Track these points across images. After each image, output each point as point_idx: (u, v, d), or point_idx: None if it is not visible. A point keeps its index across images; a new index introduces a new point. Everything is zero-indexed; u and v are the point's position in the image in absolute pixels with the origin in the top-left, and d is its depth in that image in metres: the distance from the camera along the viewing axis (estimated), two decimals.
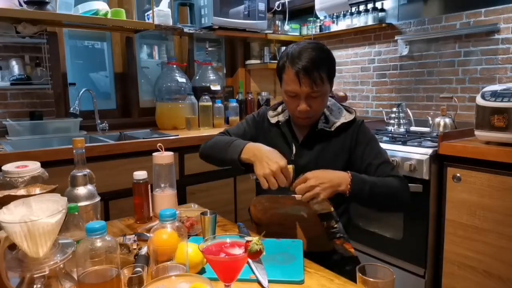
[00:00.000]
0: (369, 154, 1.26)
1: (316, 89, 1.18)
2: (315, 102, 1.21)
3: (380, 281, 0.71)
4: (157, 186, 1.33)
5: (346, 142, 1.28)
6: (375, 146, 1.28)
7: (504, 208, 1.67)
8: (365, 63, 2.95)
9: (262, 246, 0.76)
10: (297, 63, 1.16)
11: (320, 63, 1.17)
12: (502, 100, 1.69)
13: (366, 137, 1.29)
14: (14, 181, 1.00)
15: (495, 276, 1.72)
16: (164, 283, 0.68)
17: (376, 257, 2.16)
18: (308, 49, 1.18)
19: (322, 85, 1.19)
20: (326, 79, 1.20)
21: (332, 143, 1.28)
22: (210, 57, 2.98)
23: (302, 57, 1.17)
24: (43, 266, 0.69)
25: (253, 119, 1.42)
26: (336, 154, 1.27)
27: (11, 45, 2.25)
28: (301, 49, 1.19)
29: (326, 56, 1.21)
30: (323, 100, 1.24)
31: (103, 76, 2.81)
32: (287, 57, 1.20)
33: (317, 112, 1.25)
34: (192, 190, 2.28)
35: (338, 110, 1.33)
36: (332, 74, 1.24)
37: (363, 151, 1.26)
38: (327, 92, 1.25)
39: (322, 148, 1.28)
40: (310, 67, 1.15)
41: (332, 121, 1.29)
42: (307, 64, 1.15)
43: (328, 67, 1.21)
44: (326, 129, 1.27)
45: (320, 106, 1.24)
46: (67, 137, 2.24)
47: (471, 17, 2.33)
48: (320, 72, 1.17)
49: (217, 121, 2.74)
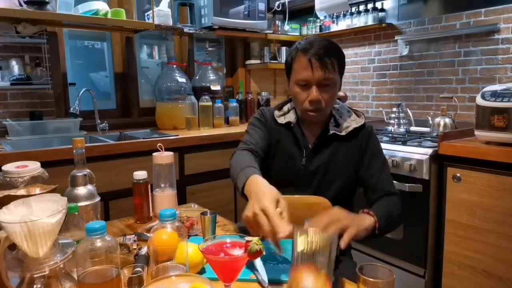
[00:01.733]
0: (375, 165, 1.25)
1: (328, 76, 1.16)
2: (326, 93, 1.19)
3: (380, 281, 0.71)
4: (157, 186, 1.33)
5: (356, 147, 1.27)
6: (381, 157, 1.28)
7: (504, 208, 1.67)
8: (365, 63, 2.95)
9: (262, 246, 0.76)
10: (309, 50, 1.17)
11: (331, 51, 1.18)
12: (502, 100, 1.69)
13: (375, 146, 1.29)
14: (14, 181, 1.00)
15: (495, 276, 1.72)
16: (164, 283, 0.68)
17: (376, 257, 2.16)
18: (319, 39, 1.20)
19: (334, 73, 1.18)
20: (337, 68, 1.20)
21: (343, 148, 1.27)
22: (210, 57, 2.98)
23: (313, 44, 1.18)
24: (43, 266, 0.69)
25: (259, 121, 1.34)
26: (347, 160, 1.26)
27: (11, 45, 2.25)
28: (312, 40, 1.20)
29: (336, 47, 1.22)
30: (334, 93, 1.22)
31: (103, 76, 2.81)
32: (298, 49, 1.21)
33: (327, 105, 1.21)
34: (192, 190, 2.28)
35: (347, 114, 1.31)
36: (342, 67, 1.23)
37: (370, 160, 1.26)
38: (338, 84, 1.23)
39: (333, 153, 1.26)
40: (322, 53, 1.16)
41: (342, 124, 1.27)
42: (319, 50, 1.16)
43: (339, 57, 1.20)
44: (337, 133, 1.26)
45: (330, 98, 1.21)
46: (67, 137, 2.23)
47: (471, 17, 2.33)
48: (332, 58, 1.17)
49: (217, 121, 2.74)
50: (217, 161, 2.32)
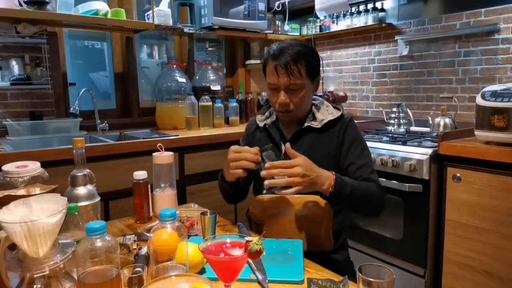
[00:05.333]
0: (353, 153, 1.26)
1: (293, 81, 1.21)
2: (294, 96, 1.23)
3: (380, 281, 0.71)
4: (157, 186, 1.33)
5: (334, 138, 1.28)
6: (360, 146, 1.28)
7: (504, 208, 1.67)
8: (365, 63, 2.95)
9: (262, 246, 0.76)
10: (276, 56, 1.22)
11: (298, 57, 1.20)
12: (502, 100, 1.69)
13: (353, 135, 1.29)
14: (14, 181, 1.00)
15: (495, 276, 1.72)
16: (164, 283, 0.68)
17: (376, 257, 2.16)
18: (288, 44, 1.23)
19: (300, 78, 1.21)
20: (305, 73, 1.22)
21: (321, 140, 1.29)
22: (210, 57, 2.98)
23: (281, 50, 1.22)
24: (43, 266, 0.69)
25: (245, 137, 1.46)
26: (325, 151, 1.27)
27: (11, 45, 2.25)
28: (282, 45, 1.24)
29: (306, 52, 1.23)
30: (303, 95, 1.25)
31: (103, 76, 2.81)
32: (269, 54, 1.26)
33: (297, 107, 1.25)
34: (192, 190, 2.28)
35: (325, 108, 1.34)
36: (313, 70, 1.25)
37: (348, 149, 1.27)
38: (307, 87, 1.25)
39: (311, 145, 1.28)
40: (289, 60, 1.20)
41: (319, 118, 1.30)
42: (285, 56, 1.20)
43: (307, 62, 1.22)
44: (313, 126, 1.28)
45: (299, 101, 1.25)
46: (67, 137, 2.23)
47: (471, 17, 2.33)
48: (298, 64, 1.20)
49: (217, 121, 2.74)
50: (217, 161, 2.32)
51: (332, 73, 3.11)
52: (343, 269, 1.13)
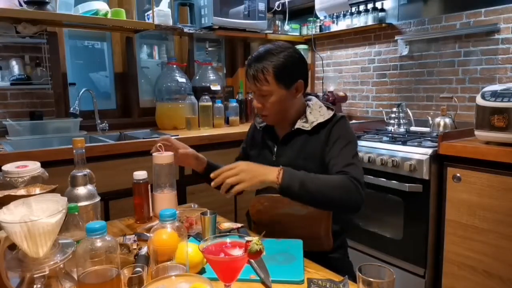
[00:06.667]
0: (335, 149, 1.23)
1: (259, 87, 1.23)
2: (266, 101, 1.25)
3: (380, 281, 0.71)
4: (157, 186, 1.33)
5: (322, 140, 1.27)
6: (343, 142, 1.24)
7: (504, 208, 1.67)
8: (365, 63, 2.95)
9: (262, 246, 0.76)
10: (249, 63, 1.26)
11: (265, 64, 1.21)
12: (502, 100, 1.69)
13: (339, 132, 1.26)
14: (14, 181, 1.00)
15: (495, 276, 1.72)
16: (164, 283, 0.68)
17: (376, 257, 2.16)
18: (262, 51, 1.25)
19: (267, 85, 1.22)
20: (272, 80, 1.22)
21: (311, 141, 1.29)
22: (210, 57, 2.98)
23: (255, 57, 1.24)
24: (43, 266, 0.69)
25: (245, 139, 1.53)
26: (315, 152, 1.27)
27: (11, 45, 2.24)
28: (257, 53, 1.26)
29: (275, 59, 1.22)
30: (273, 101, 1.25)
31: (103, 76, 2.81)
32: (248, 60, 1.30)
33: (270, 112, 1.27)
34: (192, 190, 2.28)
35: (318, 109, 1.32)
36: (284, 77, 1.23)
37: (331, 147, 1.25)
38: (278, 94, 1.24)
39: (301, 147, 1.29)
40: (257, 67, 1.22)
41: (310, 120, 1.29)
42: (253, 63, 1.23)
43: (275, 69, 1.21)
44: (303, 128, 1.29)
45: (272, 106, 1.25)
46: (67, 137, 2.23)
47: (471, 17, 2.33)
48: (264, 71, 1.21)
49: (217, 121, 2.74)
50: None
51: (332, 73, 3.11)
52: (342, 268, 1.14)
